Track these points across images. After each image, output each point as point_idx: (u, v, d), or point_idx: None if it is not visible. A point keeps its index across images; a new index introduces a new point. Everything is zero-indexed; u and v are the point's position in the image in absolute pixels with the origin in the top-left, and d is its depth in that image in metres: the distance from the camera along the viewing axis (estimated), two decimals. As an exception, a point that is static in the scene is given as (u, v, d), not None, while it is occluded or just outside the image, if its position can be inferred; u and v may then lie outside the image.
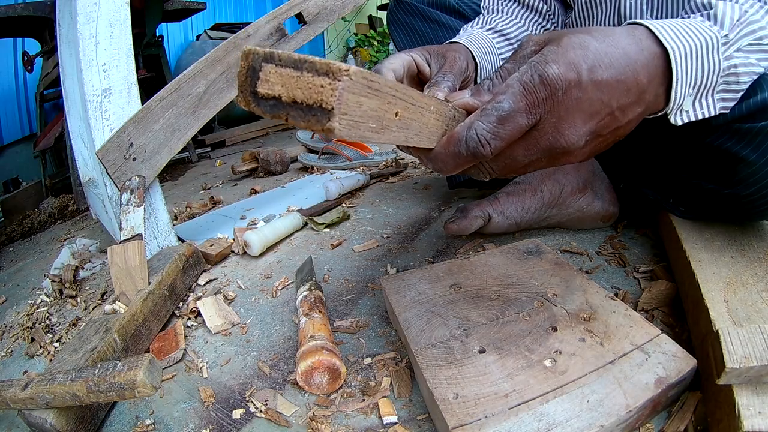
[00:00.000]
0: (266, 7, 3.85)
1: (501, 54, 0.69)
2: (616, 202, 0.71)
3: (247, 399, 0.49)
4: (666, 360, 0.39)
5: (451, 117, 0.37)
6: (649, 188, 0.67)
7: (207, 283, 0.77)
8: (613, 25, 0.68)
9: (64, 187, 1.79)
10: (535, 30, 0.74)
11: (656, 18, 0.65)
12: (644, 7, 0.64)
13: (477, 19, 0.73)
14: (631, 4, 0.65)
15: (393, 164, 1.38)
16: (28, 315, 0.78)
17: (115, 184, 0.77)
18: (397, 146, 0.38)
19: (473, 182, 0.88)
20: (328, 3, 0.90)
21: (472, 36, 0.64)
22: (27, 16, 1.61)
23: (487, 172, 0.39)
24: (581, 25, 0.74)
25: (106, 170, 0.76)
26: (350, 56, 4.28)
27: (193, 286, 0.76)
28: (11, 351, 0.70)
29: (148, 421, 0.48)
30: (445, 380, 0.40)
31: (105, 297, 0.79)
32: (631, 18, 0.66)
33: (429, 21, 0.84)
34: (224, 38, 1.26)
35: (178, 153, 1.15)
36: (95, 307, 0.77)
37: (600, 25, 0.70)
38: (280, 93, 0.26)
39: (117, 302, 0.61)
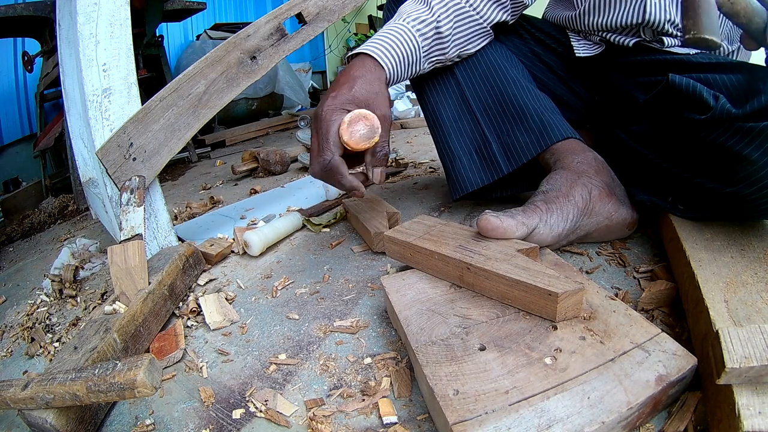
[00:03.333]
0: (266, 7, 3.85)
1: (425, 47, 0.72)
2: (635, 208, 0.68)
3: (247, 399, 0.49)
4: (666, 358, 0.39)
5: None
6: (644, 191, 0.66)
7: (207, 282, 0.77)
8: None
9: (64, 187, 1.80)
10: (490, 10, 0.76)
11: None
12: None
13: None
14: None
15: (393, 164, 1.38)
16: (28, 315, 0.78)
17: (115, 184, 0.77)
18: None
19: (476, 194, 0.84)
20: (328, 3, 0.89)
21: (395, 41, 0.69)
22: (27, 16, 1.61)
23: None
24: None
25: (106, 170, 0.76)
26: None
27: (193, 286, 0.76)
28: (11, 351, 0.70)
29: (148, 421, 0.48)
30: (445, 377, 0.40)
31: (105, 297, 0.79)
32: None
33: None
34: (224, 38, 1.25)
35: (178, 153, 1.15)
36: (95, 307, 0.77)
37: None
38: None
39: (117, 302, 0.61)
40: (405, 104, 2.42)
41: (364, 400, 0.46)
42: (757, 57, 0.73)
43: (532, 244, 0.56)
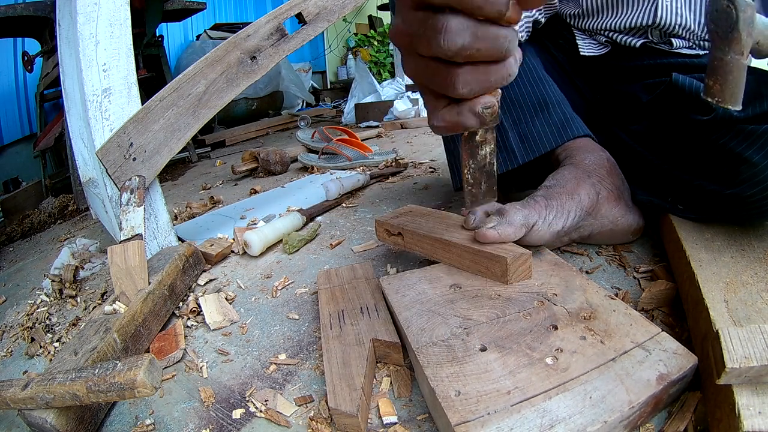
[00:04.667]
0: (266, 7, 3.86)
1: None
2: (642, 215, 0.66)
3: (247, 399, 0.49)
4: (667, 357, 0.39)
5: None
6: (643, 191, 0.66)
7: (207, 282, 0.77)
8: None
9: (64, 187, 1.80)
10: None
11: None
12: None
13: None
14: None
15: (393, 164, 1.38)
16: (28, 315, 0.78)
17: (115, 184, 0.77)
18: None
19: None
20: (328, 3, 0.90)
21: None
22: (27, 16, 1.62)
23: None
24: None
25: (106, 170, 0.76)
26: (350, 56, 4.28)
27: (193, 286, 0.76)
28: (11, 351, 0.70)
29: (148, 421, 0.48)
30: (447, 378, 0.40)
31: (105, 297, 0.79)
32: None
33: None
34: (224, 38, 1.26)
35: (178, 153, 1.15)
36: (95, 307, 0.77)
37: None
38: None
39: (117, 302, 0.61)
40: (405, 104, 2.42)
41: (364, 400, 0.46)
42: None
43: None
